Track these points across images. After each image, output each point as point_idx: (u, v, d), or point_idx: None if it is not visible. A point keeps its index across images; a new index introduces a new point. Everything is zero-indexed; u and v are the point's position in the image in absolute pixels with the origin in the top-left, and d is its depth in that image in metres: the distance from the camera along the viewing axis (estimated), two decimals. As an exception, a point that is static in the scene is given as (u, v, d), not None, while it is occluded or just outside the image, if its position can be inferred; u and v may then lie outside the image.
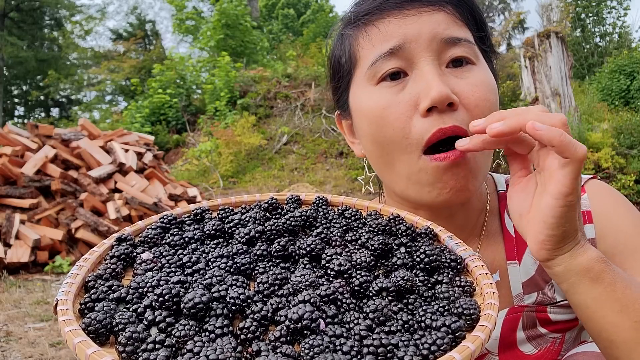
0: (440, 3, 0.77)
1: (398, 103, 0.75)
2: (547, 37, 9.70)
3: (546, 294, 0.85)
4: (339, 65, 0.87)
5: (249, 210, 0.77)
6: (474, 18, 0.81)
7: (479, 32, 0.82)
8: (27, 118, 28.14)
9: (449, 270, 0.67)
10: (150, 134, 11.31)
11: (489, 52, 0.86)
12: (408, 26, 0.75)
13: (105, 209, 5.71)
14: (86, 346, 0.48)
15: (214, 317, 0.53)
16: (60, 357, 3.01)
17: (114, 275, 0.63)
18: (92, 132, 6.61)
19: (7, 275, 4.91)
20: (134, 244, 0.71)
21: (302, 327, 0.51)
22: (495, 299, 0.59)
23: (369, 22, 0.79)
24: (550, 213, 0.63)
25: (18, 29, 25.15)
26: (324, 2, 23.66)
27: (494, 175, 0.98)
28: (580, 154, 0.60)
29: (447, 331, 0.53)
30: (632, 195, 7.55)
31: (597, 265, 0.66)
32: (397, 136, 0.76)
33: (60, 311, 0.54)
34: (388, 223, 0.74)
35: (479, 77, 0.77)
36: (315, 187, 8.68)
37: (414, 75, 0.76)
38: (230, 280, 0.59)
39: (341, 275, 0.62)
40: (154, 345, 0.48)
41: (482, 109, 0.75)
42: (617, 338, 0.66)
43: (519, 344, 0.86)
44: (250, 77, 13.66)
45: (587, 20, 19.72)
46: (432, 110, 0.73)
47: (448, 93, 0.72)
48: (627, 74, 12.70)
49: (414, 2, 0.77)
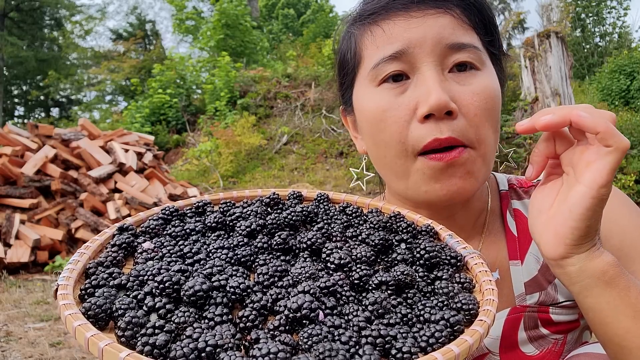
0: (447, 6, 0.75)
1: (398, 106, 0.75)
2: (547, 37, 9.71)
3: (548, 294, 0.85)
4: (345, 61, 0.87)
5: (251, 204, 0.77)
6: (482, 21, 0.79)
7: (488, 36, 0.80)
8: (27, 118, 28.14)
9: (449, 267, 0.67)
10: (150, 134, 11.31)
11: (498, 55, 0.84)
12: (412, 30, 0.74)
13: (105, 209, 5.71)
14: (85, 329, 0.48)
15: (214, 305, 0.53)
16: (60, 357, 3.01)
17: (115, 263, 0.63)
18: (92, 132, 6.61)
19: (7, 275, 4.91)
20: (135, 233, 0.71)
21: (301, 316, 0.51)
22: (495, 296, 0.59)
23: (374, 22, 0.79)
24: (580, 202, 0.62)
25: (18, 29, 25.15)
26: (324, 2, 23.65)
27: (496, 175, 0.98)
28: (624, 144, 0.60)
29: (445, 324, 0.54)
30: (632, 195, 7.54)
31: (612, 269, 0.65)
32: (394, 140, 0.76)
33: (61, 295, 0.54)
34: (389, 220, 0.75)
35: (482, 83, 0.76)
36: (315, 187, 8.68)
37: (416, 79, 0.75)
38: (231, 270, 0.59)
39: (341, 269, 0.63)
40: (153, 330, 0.48)
41: (481, 118, 0.74)
42: (629, 344, 0.64)
43: (520, 344, 0.86)
44: (250, 77, 13.66)
45: (587, 20, 19.72)
46: (429, 117, 0.73)
47: (446, 101, 0.71)
48: (627, 74, 12.69)
49: (420, 4, 0.75)
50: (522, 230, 0.89)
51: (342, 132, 11.10)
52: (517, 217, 0.90)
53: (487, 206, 0.92)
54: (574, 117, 0.61)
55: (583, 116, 0.61)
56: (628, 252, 0.80)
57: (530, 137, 8.96)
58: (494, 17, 0.81)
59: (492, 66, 0.81)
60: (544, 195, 0.70)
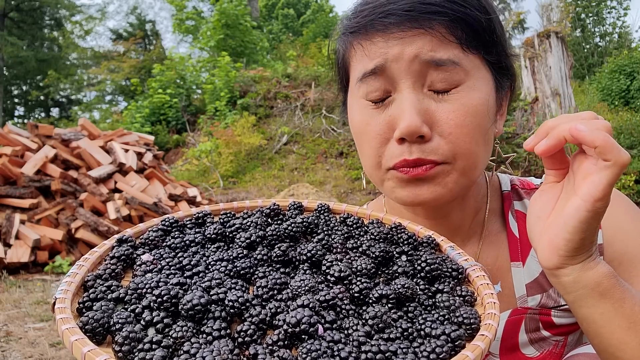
0: (427, 25, 0.74)
1: (378, 123, 0.78)
2: (547, 37, 9.70)
3: (550, 296, 0.85)
4: (338, 66, 0.89)
5: (251, 215, 0.77)
6: (474, 32, 0.76)
7: (482, 46, 0.78)
8: (27, 118, 28.14)
9: (450, 280, 0.66)
10: (150, 134, 11.32)
11: (501, 61, 0.82)
12: (390, 48, 0.75)
13: (105, 209, 5.71)
14: (82, 344, 0.48)
15: (212, 320, 0.53)
16: (60, 357, 3.01)
17: (114, 275, 0.63)
18: (92, 132, 6.61)
19: (7, 275, 4.91)
20: (134, 245, 0.71)
21: (300, 331, 0.51)
22: (496, 309, 0.58)
23: (355, 40, 0.80)
24: (575, 215, 0.61)
25: (18, 29, 25.14)
26: (324, 2, 23.64)
27: (500, 175, 0.97)
28: (624, 159, 0.58)
29: (446, 339, 0.53)
30: (632, 195, 7.54)
31: (606, 280, 0.64)
32: (372, 153, 0.80)
33: (58, 309, 0.54)
34: (390, 231, 0.75)
35: (461, 100, 0.75)
36: (315, 187, 8.68)
37: (396, 97, 0.77)
38: (230, 283, 0.59)
39: (341, 282, 0.62)
40: (150, 345, 0.48)
41: (457, 136, 0.75)
42: (623, 355, 0.64)
43: (521, 346, 0.86)
44: (250, 77, 13.66)
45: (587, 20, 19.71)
46: (404, 139, 0.75)
47: (416, 127, 0.73)
48: (627, 74, 12.69)
49: (400, 25, 0.75)
50: (524, 232, 0.88)
51: (342, 132, 11.10)
52: (519, 218, 0.90)
53: (485, 206, 0.92)
54: (571, 132, 0.60)
55: (580, 130, 0.59)
56: (631, 259, 0.80)
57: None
58: (492, 24, 0.79)
59: (485, 76, 0.79)
60: (543, 201, 0.69)
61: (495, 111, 0.82)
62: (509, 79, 0.85)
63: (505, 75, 0.84)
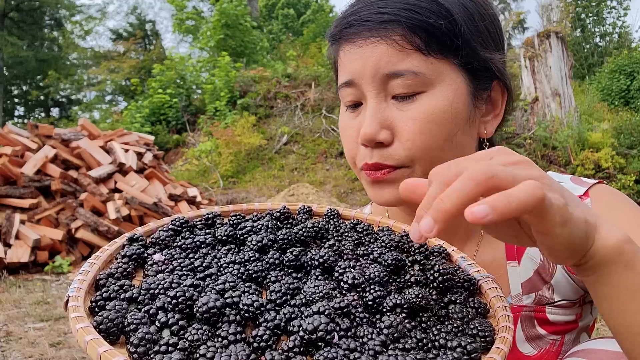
0: (383, 33, 0.77)
1: (352, 127, 0.85)
2: (547, 37, 9.71)
3: (544, 294, 0.85)
4: (333, 67, 0.95)
5: (261, 218, 0.77)
6: (433, 37, 0.76)
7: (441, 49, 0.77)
8: (27, 118, 28.13)
9: (462, 291, 0.66)
10: (150, 134, 11.30)
11: (467, 65, 0.80)
12: (355, 61, 0.81)
13: (105, 209, 5.70)
14: (98, 344, 0.47)
15: (227, 323, 0.52)
16: (60, 357, 3.01)
17: (126, 274, 0.62)
18: (92, 132, 6.60)
19: (7, 275, 4.90)
20: (145, 244, 0.70)
21: (316, 338, 0.50)
22: (510, 322, 0.57)
23: (334, 47, 0.88)
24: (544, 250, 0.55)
25: (18, 29, 25.14)
26: (324, 2, 23.65)
27: None
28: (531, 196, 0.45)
29: (463, 352, 0.52)
30: (632, 195, 7.55)
31: (627, 246, 0.55)
32: (349, 155, 0.88)
33: (72, 307, 0.53)
34: (401, 239, 0.74)
35: (421, 108, 0.78)
36: (315, 187, 8.67)
37: (365, 106, 0.83)
38: (243, 287, 0.58)
39: (354, 289, 0.61)
40: (167, 347, 0.48)
41: (414, 142, 0.79)
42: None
43: (518, 344, 0.87)
44: (250, 77, 13.65)
45: (587, 20, 19.74)
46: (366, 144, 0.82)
47: (372, 135, 0.79)
48: (627, 74, 12.72)
49: (359, 34, 0.80)
50: None
51: (343, 132, 11.07)
52: None
53: None
54: (467, 218, 0.45)
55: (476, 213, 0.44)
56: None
57: (530, 137, 8.96)
58: (455, 28, 0.77)
59: (453, 81, 0.78)
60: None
61: (470, 114, 0.81)
62: (492, 79, 0.84)
63: (483, 76, 0.83)
